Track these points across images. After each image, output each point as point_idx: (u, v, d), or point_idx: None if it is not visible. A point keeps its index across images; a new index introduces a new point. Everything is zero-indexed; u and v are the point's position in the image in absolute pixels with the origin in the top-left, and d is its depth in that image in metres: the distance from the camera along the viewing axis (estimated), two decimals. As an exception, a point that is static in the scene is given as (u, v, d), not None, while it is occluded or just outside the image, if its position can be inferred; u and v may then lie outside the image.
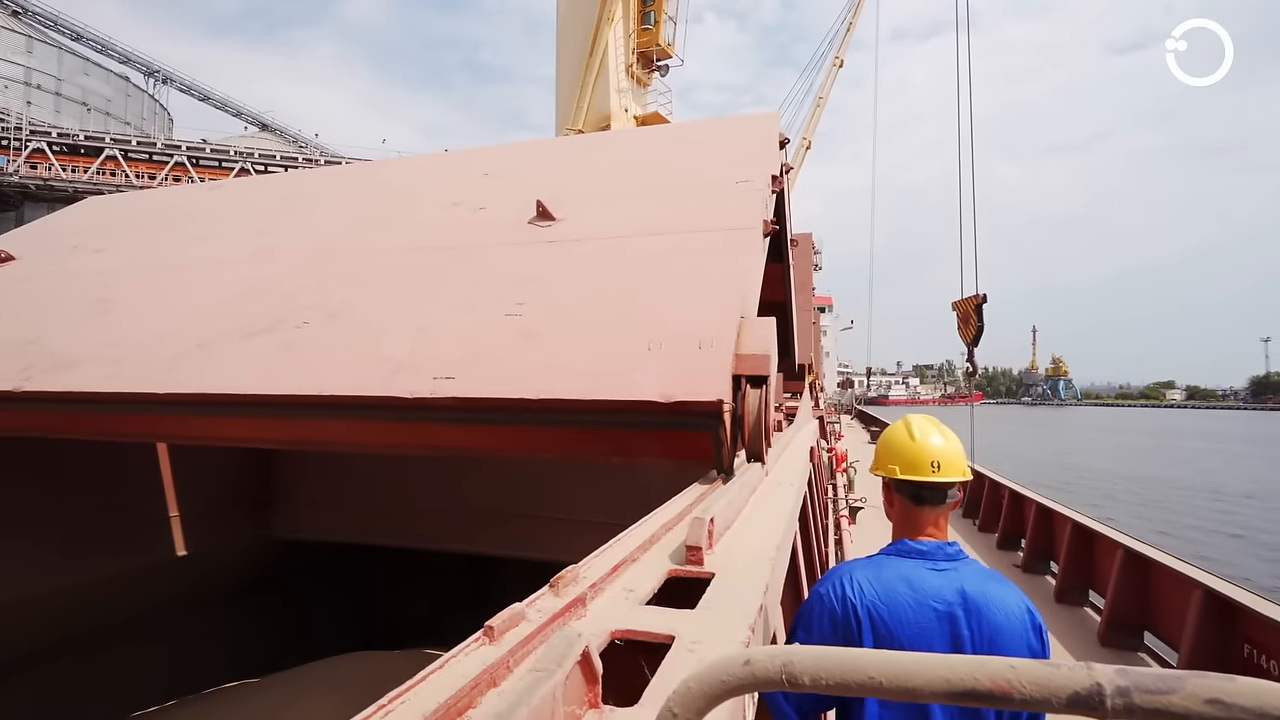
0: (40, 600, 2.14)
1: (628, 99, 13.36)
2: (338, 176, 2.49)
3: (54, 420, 1.19)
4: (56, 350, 1.22)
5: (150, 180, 23.07)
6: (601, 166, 2.15)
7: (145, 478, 2.60)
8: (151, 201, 2.69)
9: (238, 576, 3.38)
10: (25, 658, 2.32)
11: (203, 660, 3.14)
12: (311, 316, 1.17)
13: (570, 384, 0.97)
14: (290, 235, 1.76)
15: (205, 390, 1.02)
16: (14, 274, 1.77)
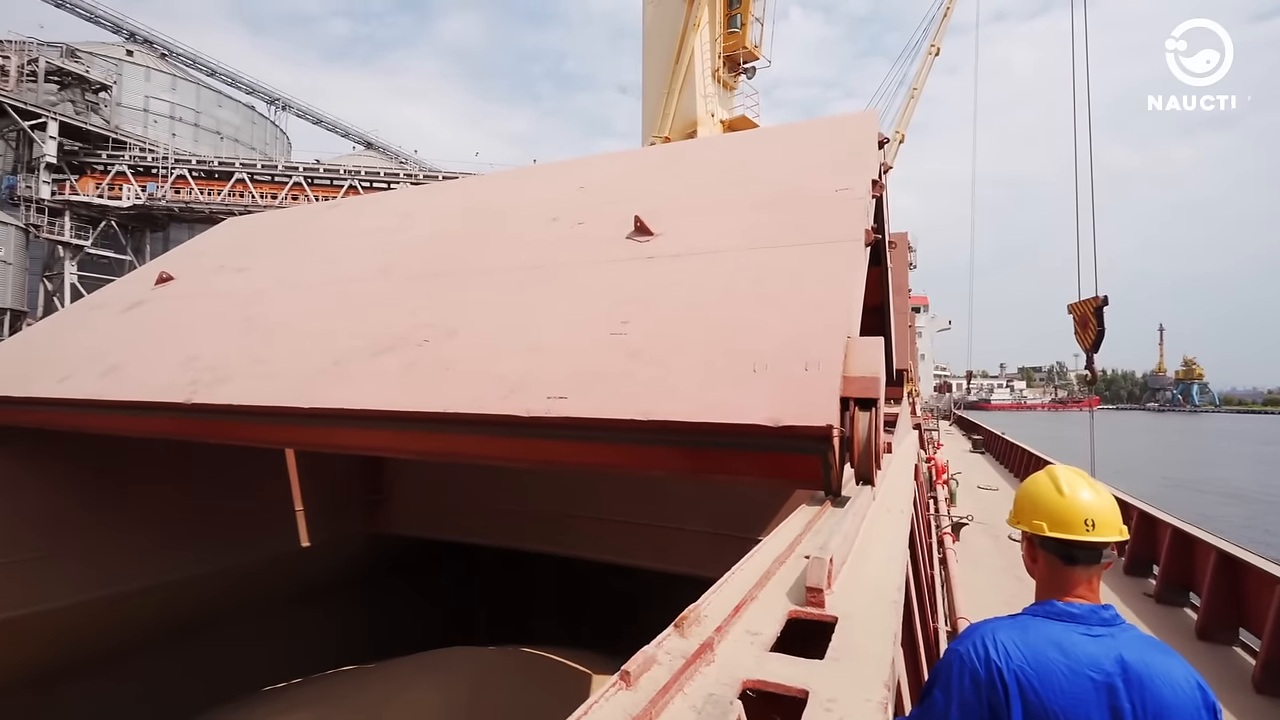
0: (194, 582, 2.38)
1: (714, 104, 13.30)
2: (442, 193, 2.63)
3: (215, 428, 1.33)
4: (214, 365, 1.36)
5: (272, 200, 25.30)
6: (694, 177, 2.15)
7: (276, 477, 2.83)
8: (280, 221, 2.94)
9: (350, 568, 3.62)
10: (185, 628, 2.60)
11: (320, 643, 3.38)
12: (431, 335, 1.24)
13: (678, 406, 0.98)
14: (404, 253, 1.88)
15: (341, 406, 1.12)
16: (174, 292, 1.99)
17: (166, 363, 1.45)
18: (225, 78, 33.42)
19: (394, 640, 3.56)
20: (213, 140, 30.40)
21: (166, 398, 1.26)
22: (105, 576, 2.01)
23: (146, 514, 2.13)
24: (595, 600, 4.14)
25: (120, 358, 1.51)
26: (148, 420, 1.35)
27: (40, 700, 2.12)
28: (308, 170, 27.35)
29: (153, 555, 2.13)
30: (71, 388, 1.43)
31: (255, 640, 3.09)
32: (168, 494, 2.22)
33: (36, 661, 2.04)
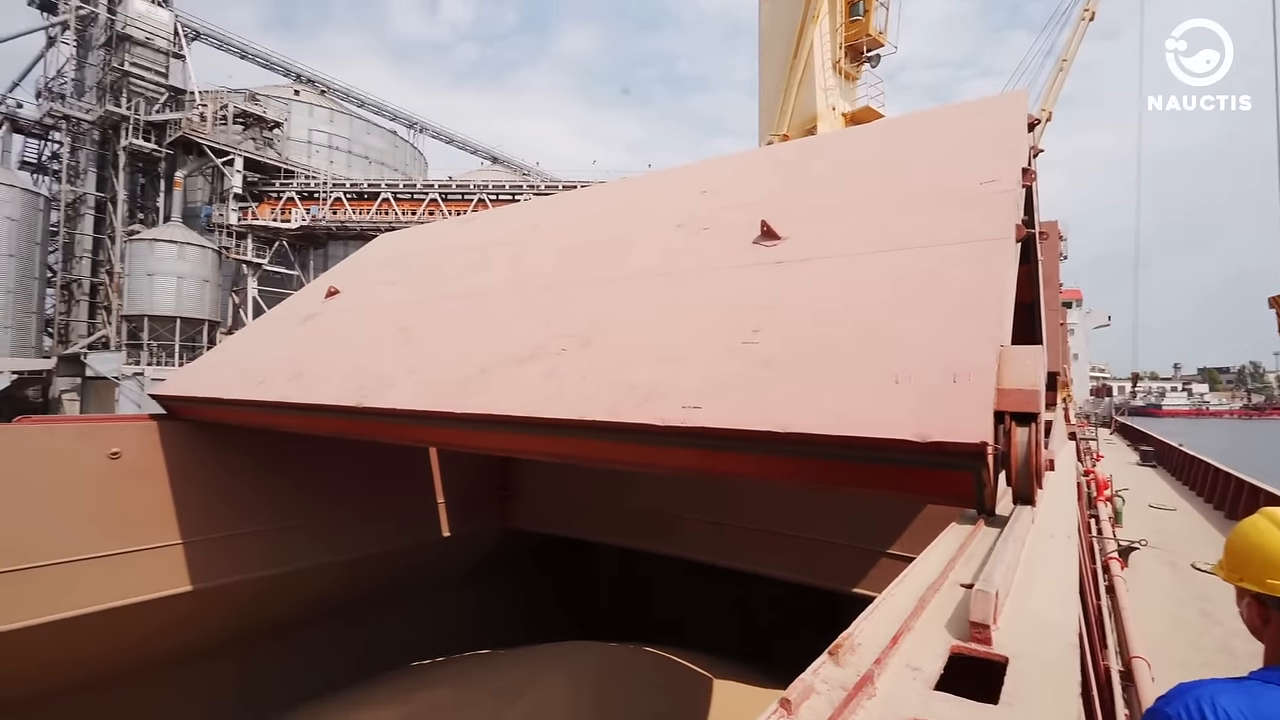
0: (357, 563, 2.65)
1: (835, 97, 12.76)
2: (568, 204, 2.74)
3: (380, 429, 1.49)
4: (378, 372, 1.52)
5: (412, 215, 27.65)
6: (820, 176, 2.07)
7: (422, 471, 3.08)
8: (422, 237, 3.20)
9: (485, 559, 3.84)
10: (347, 605, 2.89)
11: (458, 627, 3.62)
12: (567, 344, 1.30)
13: (815, 418, 0.95)
14: (535, 264, 1.98)
15: (489, 411, 1.20)
16: (340, 305, 2.24)
17: (339, 369, 1.63)
18: (372, 107, 36.98)
19: (522, 630, 3.75)
20: (362, 164, 33.73)
21: (341, 401, 1.42)
22: (294, 553, 2.29)
23: (323, 500, 2.41)
24: (711, 604, 4.12)
25: (303, 365, 1.72)
26: (326, 420, 1.53)
27: (236, 657, 2.45)
28: (442, 187, 29.60)
29: (327, 536, 2.40)
30: (267, 391, 1.65)
31: (404, 619, 3.37)
32: (339, 482, 2.50)
33: (235, 623, 2.35)
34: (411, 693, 2.59)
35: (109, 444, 1.92)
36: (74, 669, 1.97)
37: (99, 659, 2.03)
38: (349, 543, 2.60)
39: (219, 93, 29.47)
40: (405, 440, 1.49)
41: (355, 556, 2.62)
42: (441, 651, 3.17)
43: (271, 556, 2.27)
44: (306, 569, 2.43)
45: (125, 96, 26.63)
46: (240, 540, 2.17)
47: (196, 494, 2.08)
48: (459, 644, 3.21)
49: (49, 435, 1.84)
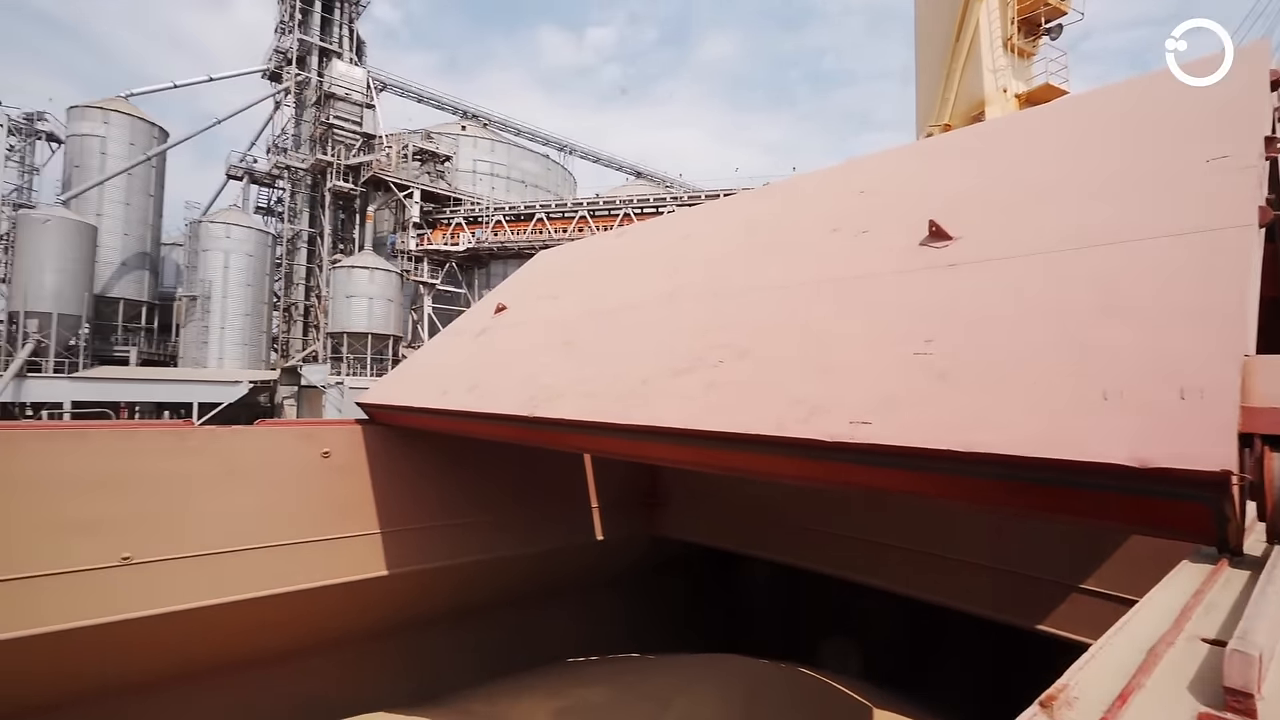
0: (521, 559, 2.83)
1: (1006, 77, 11.50)
2: (717, 212, 2.72)
3: (550, 437, 1.58)
4: (546, 384, 1.62)
5: (563, 233, 29.31)
6: (996, 165, 1.87)
7: (577, 476, 3.22)
8: (578, 253, 3.35)
9: (633, 565, 3.93)
10: (506, 599, 3.10)
11: (606, 628, 3.72)
12: (724, 355, 1.30)
13: (1003, 436, 0.86)
14: (688, 275, 1.99)
15: (651, 423, 1.23)
16: (509, 320, 2.42)
17: (511, 381, 1.76)
18: (527, 134, 39.84)
19: (668, 637, 3.77)
20: (519, 188, 36.40)
21: (514, 410, 1.53)
22: (468, 547, 2.51)
23: (492, 500, 2.61)
24: (867, 627, 3.88)
25: (479, 376, 1.88)
26: (501, 428, 1.66)
27: (415, 636, 2.73)
28: (590, 204, 31.10)
29: (496, 533, 2.59)
30: (449, 400, 1.83)
31: (557, 616, 3.52)
32: (506, 485, 2.69)
33: (416, 606, 2.61)
34: (568, 688, 2.70)
35: (322, 444, 2.21)
36: (289, 637, 2.29)
37: (308, 631, 2.34)
38: (513, 540, 2.78)
39: (400, 134, 33.43)
40: (571, 448, 1.59)
41: (518, 554, 2.81)
42: (590, 650, 3.29)
43: (449, 549, 2.50)
44: (477, 561, 2.64)
45: (330, 145, 31.10)
46: (424, 533, 2.40)
47: (390, 490, 2.34)
48: (607, 645, 3.31)
49: (279, 435, 2.16)
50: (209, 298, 29.14)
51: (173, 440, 1.99)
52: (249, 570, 2.03)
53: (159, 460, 1.93)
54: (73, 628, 1.78)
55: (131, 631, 1.89)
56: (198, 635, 2.07)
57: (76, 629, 1.78)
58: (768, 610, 4.49)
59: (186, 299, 29.87)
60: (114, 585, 1.85)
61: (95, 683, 2.01)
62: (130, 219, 29.46)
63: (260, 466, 2.09)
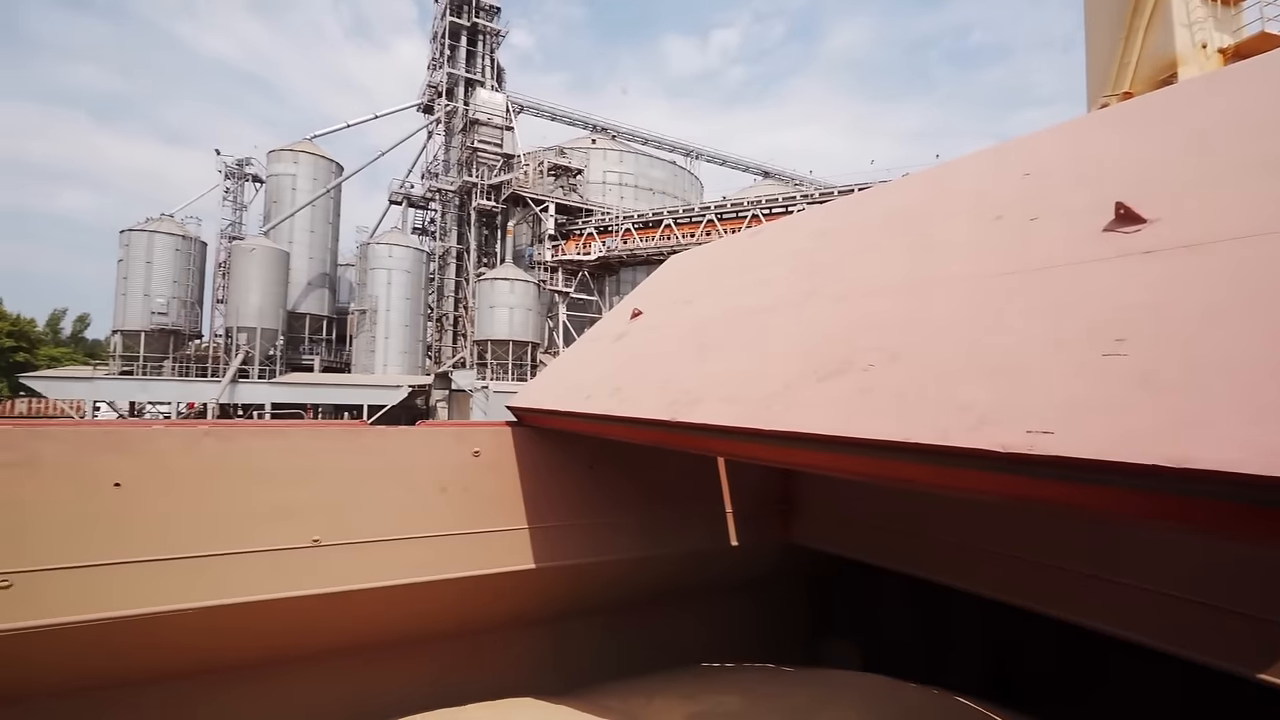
0: (647, 562, 2.86)
1: (1205, 31, 9.72)
2: (858, 206, 2.57)
3: (691, 441, 1.58)
4: (686, 388, 1.62)
5: (690, 238, 29.48)
6: (1195, 135, 1.59)
7: (710, 481, 3.21)
8: (711, 255, 3.32)
9: (765, 572, 3.83)
10: (639, 599, 3.15)
11: (737, 635, 3.65)
12: (875, 359, 1.22)
13: (1226, 451, 0.72)
14: (828, 273, 1.90)
15: (798, 429, 1.18)
16: (645, 325, 2.45)
17: (650, 385, 1.78)
18: (654, 143, 40.55)
19: (799, 648, 3.62)
20: (647, 196, 37.14)
21: (657, 415, 1.54)
22: (607, 546, 2.58)
23: (631, 501, 2.67)
24: (1018, 653, 3.50)
25: (620, 381, 1.92)
26: (643, 432, 1.68)
27: (554, 628, 2.87)
28: (717, 207, 31.00)
29: (634, 534, 2.65)
30: (593, 404, 1.89)
31: (688, 618, 3.51)
32: (643, 487, 2.73)
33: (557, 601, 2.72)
34: (701, 693, 2.68)
35: (473, 445, 2.37)
36: (444, 620, 2.48)
37: (459, 615, 2.51)
38: (651, 541, 2.82)
39: (536, 152, 35.45)
40: (711, 452, 1.58)
41: (655, 554, 2.84)
42: (720, 656, 3.24)
43: (591, 546, 2.58)
44: (617, 560, 2.71)
45: (474, 167, 33.67)
46: (568, 530, 2.49)
47: (536, 489, 2.46)
48: (737, 652, 3.25)
49: (436, 435, 2.34)
50: (375, 311, 32.65)
51: (350, 438, 2.22)
52: (411, 557, 2.22)
53: (339, 456, 2.16)
54: (274, 598, 2.03)
55: (320, 605, 2.13)
56: (372, 612, 2.30)
57: (277, 599, 2.03)
58: (908, 629, 4.20)
59: (358, 313, 33.71)
60: (306, 564, 2.09)
61: (290, 647, 2.31)
62: (314, 244, 33.80)
63: (419, 463, 2.29)
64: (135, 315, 28.42)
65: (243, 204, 34.46)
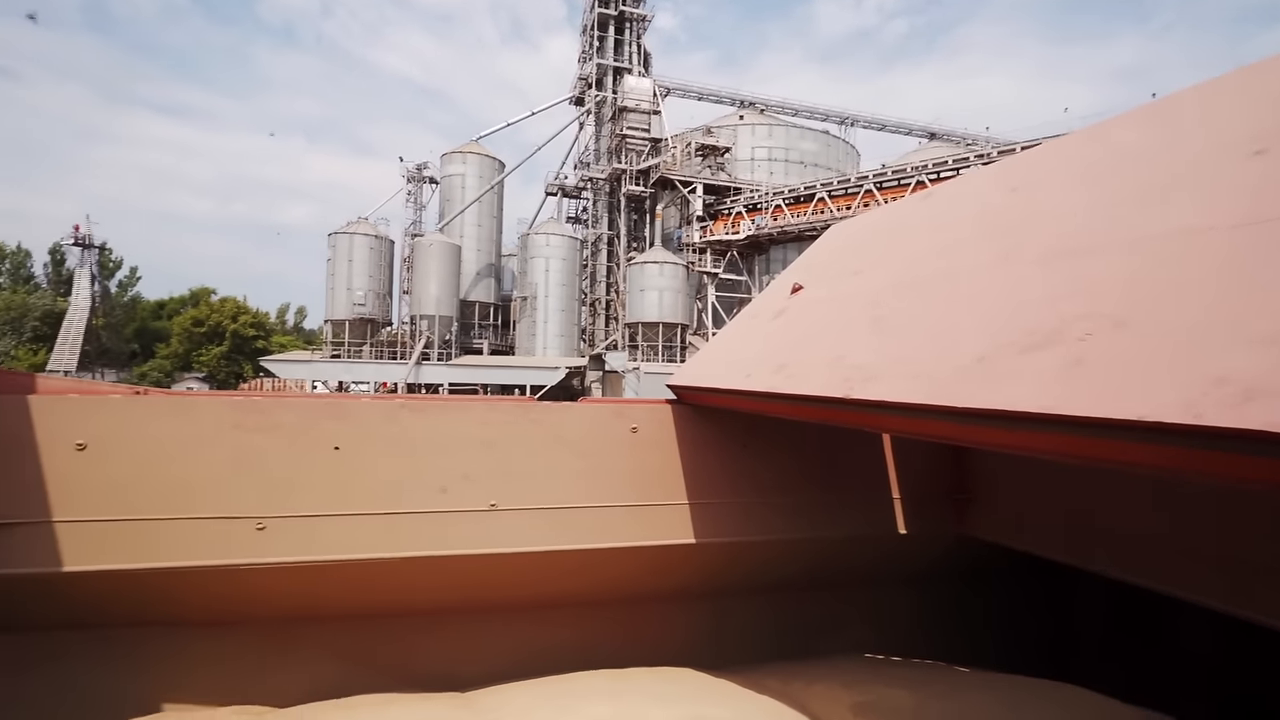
0: (806, 544, 2.77)
1: None
2: (1056, 155, 2.22)
3: (867, 419, 1.48)
4: (859, 364, 1.51)
5: (846, 210, 27.90)
6: None
7: (874, 464, 3.03)
8: (879, 221, 3.08)
9: (933, 564, 3.55)
10: (794, 581, 3.06)
11: (898, 628, 3.42)
12: (1092, 326, 1.04)
13: None
14: (1023, 234, 1.67)
15: (1001, 407, 1.05)
16: (807, 299, 2.34)
17: (819, 361, 1.69)
18: (805, 113, 38.78)
19: (971, 649, 3.30)
20: (798, 170, 35.69)
21: (827, 393, 1.46)
22: (764, 524, 2.55)
23: (788, 480, 2.61)
24: (1251, 676, 2.90)
25: (784, 358, 1.85)
26: (810, 409, 1.61)
27: (710, 604, 2.88)
28: (876, 175, 28.99)
29: (790, 514, 2.58)
30: (754, 382, 1.84)
31: (851, 609, 3.38)
32: (803, 467, 2.66)
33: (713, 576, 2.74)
34: (866, 684, 2.56)
35: (631, 421, 2.43)
36: (604, 586, 2.59)
37: (619, 583, 2.60)
38: (810, 523, 2.74)
39: (683, 134, 35.50)
40: (891, 431, 1.47)
41: (814, 537, 2.75)
42: (883, 649, 3.07)
43: (749, 525, 2.56)
44: (774, 541, 2.66)
45: (623, 154, 34.50)
46: (726, 508, 2.49)
47: (694, 466, 2.47)
48: (898, 647, 3.05)
49: (596, 411, 2.44)
50: (535, 297, 34.92)
51: (521, 412, 2.37)
52: (575, 525, 2.34)
53: (512, 428, 2.32)
54: (457, 554, 2.25)
55: (495, 564, 2.32)
56: (540, 573, 2.47)
57: (460, 556, 2.25)
58: (1117, 641, 3.68)
59: (519, 299, 36.29)
60: (484, 526, 2.28)
61: (469, 600, 2.55)
62: (481, 238, 36.81)
63: (582, 437, 2.39)
64: (340, 306, 33.00)
65: (421, 204, 38.42)
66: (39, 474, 1.94)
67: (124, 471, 1.99)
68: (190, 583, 2.08)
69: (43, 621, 2.16)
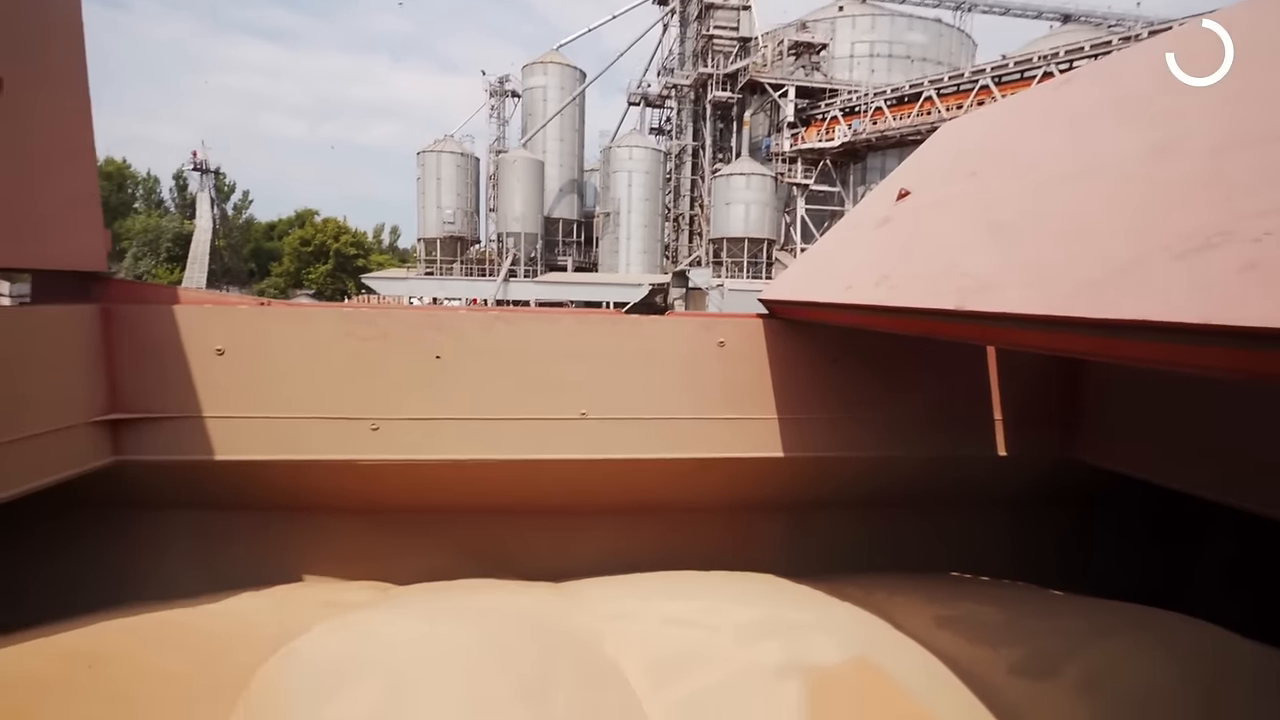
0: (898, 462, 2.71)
1: None
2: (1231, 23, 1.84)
3: (983, 332, 1.38)
4: (973, 272, 1.40)
5: (958, 109, 25.23)
6: None
7: (976, 381, 2.87)
8: (1000, 116, 2.74)
9: (1033, 488, 3.41)
10: (879, 498, 3.03)
11: (993, 554, 3.35)
12: (1272, 225, 0.89)
13: None
14: (1187, 121, 1.43)
15: (1146, 317, 0.94)
16: (914, 205, 2.16)
17: (927, 271, 1.58)
18: (913, 0, 34.72)
19: (1070, 579, 3.17)
20: (903, 65, 32.41)
21: (937, 304, 1.37)
22: (852, 440, 2.52)
23: (882, 396, 2.54)
24: None
25: (887, 269, 1.74)
26: (917, 323, 1.52)
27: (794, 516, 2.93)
28: (995, 69, 25.88)
29: (881, 431, 2.53)
30: (855, 295, 1.75)
31: (942, 528, 3.34)
32: (899, 382, 2.58)
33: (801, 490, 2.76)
34: (953, 600, 2.54)
35: (718, 335, 2.41)
36: (692, 495, 2.67)
37: (701, 493, 2.67)
38: (903, 441, 2.68)
39: (775, 31, 32.78)
40: (1007, 345, 1.35)
41: (902, 455, 2.69)
42: (968, 569, 3.02)
43: (839, 441, 2.54)
44: (864, 458, 2.63)
45: (709, 57, 32.49)
46: (816, 424, 2.47)
47: (781, 380, 2.44)
48: (989, 568, 2.99)
49: (684, 324, 2.43)
50: (618, 213, 34.58)
51: (610, 325, 2.40)
52: (662, 434, 2.40)
53: (601, 340, 2.36)
54: (551, 459, 2.37)
55: (587, 469, 2.43)
56: (630, 480, 2.57)
57: (553, 460, 2.37)
58: (1240, 579, 3.44)
59: (602, 215, 36.07)
60: (575, 433, 2.38)
61: (563, 503, 2.70)
62: (563, 152, 36.42)
63: (669, 350, 2.41)
64: (431, 225, 34.09)
65: (504, 119, 38.20)
66: (188, 375, 2.18)
67: (256, 374, 2.20)
68: (317, 475, 2.32)
69: (211, 502, 2.49)
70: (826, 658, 1.78)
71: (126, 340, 2.08)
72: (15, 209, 1.77)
